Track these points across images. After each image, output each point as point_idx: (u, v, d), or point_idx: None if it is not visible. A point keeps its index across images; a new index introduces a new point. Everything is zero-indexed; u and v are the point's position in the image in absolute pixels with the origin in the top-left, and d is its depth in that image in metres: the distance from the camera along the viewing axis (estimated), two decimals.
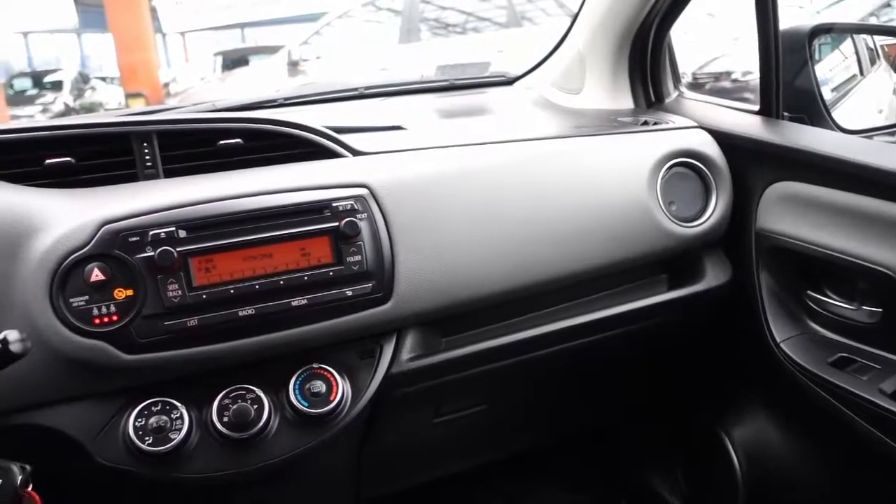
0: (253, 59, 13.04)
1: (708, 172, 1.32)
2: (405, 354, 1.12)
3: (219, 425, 1.00)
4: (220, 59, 13.84)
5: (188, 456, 1.00)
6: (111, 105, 14.36)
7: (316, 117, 1.21)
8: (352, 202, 1.05)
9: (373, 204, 1.06)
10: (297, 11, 17.45)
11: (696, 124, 1.38)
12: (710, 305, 1.37)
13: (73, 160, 1.04)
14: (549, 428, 1.72)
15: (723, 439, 1.52)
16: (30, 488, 0.85)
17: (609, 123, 1.45)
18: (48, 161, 1.04)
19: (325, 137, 1.16)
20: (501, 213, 1.15)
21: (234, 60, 13.38)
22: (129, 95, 13.49)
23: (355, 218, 1.03)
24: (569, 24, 1.65)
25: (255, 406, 1.01)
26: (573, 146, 1.28)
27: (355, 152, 1.16)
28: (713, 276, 1.33)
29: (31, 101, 14.07)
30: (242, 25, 22.43)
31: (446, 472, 1.60)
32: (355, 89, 1.72)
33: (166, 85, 14.03)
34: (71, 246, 0.93)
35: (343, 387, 1.06)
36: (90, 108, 13.67)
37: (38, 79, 15.92)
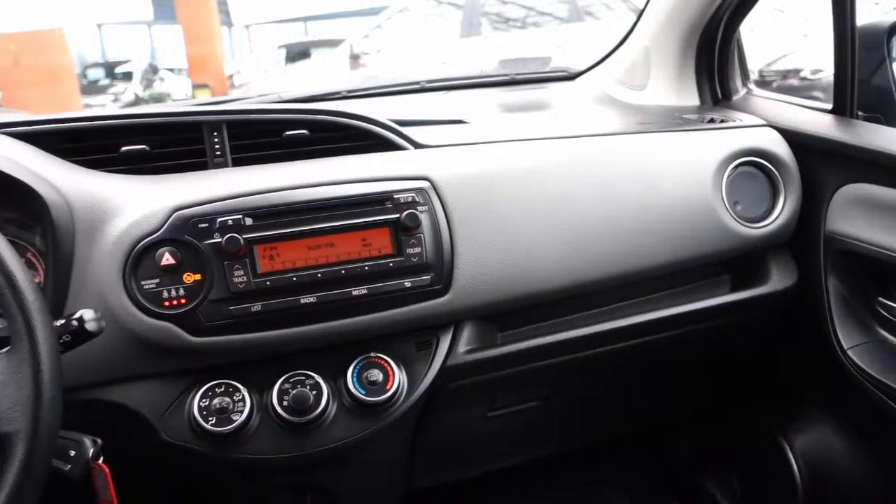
0: (315, 52, 13.21)
1: (776, 172, 1.28)
2: (461, 347, 1.13)
3: (279, 409, 1.02)
4: (283, 52, 14.06)
5: (248, 437, 1.03)
6: (178, 95, 14.73)
7: (379, 110, 1.22)
8: (413, 194, 1.06)
9: (433, 197, 1.07)
10: (359, 5, 17.62)
11: (765, 122, 1.34)
12: (775, 309, 1.33)
13: (147, 147, 1.08)
14: (603, 426, 1.70)
15: (782, 445, 1.48)
16: (100, 461, 0.88)
17: (674, 120, 1.42)
18: (124, 148, 1.08)
19: (388, 130, 1.17)
20: (563, 209, 1.15)
21: (297, 53, 13.57)
22: (195, 86, 13.83)
23: (416, 210, 1.04)
24: (635, 18, 1.63)
25: (314, 392, 1.03)
26: (637, 143, 1.26)
27: (417, 145, 1.17)
28: (778, 279, 1.30)
29: (103, 90, 14.54)
30: (306, 18, 22.78)
31: (498, 466, 1.60)
32: (417, 83, 1.73)
33: (231, 77, 14.36)
34: (144, 230, 0.96)
35: (399, 377, 1.07)
36: (158, 98, 14.06)
37: (110, 69, 16.48)
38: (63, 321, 0.81)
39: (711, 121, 1.37)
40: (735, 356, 1.55)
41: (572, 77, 1.80)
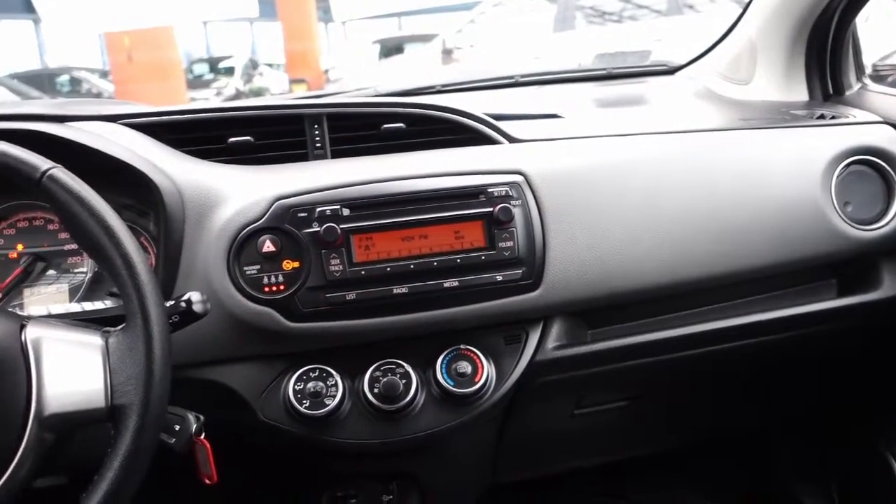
0: (408, 47, 13.38)
1: (892, 172, 1.21)
2: (550, 343, 1.12)
3: (369, 396, 1.05)
4: (377, 47, 14.30)
5: (339, 422, 1.05)
6: (276, 90, 15.20)
7: (473, 104, 1.23)
8: (506, 188, 1.06)
9: (527, 191, 1.07)
10: (452, 0, 17.70)
11: (881, 119, 1.27)
12: (885, 316, 1.26)
13: (252, 139, 1.13)
14: (695, 430, 1.66)
15: (888, 460, 1.40)
16: (202, 437, 0.93)
17: (780, 116, 1.36)
18: (231, 139, 1.12)
19: (483, 124, 1.17)
20: (660, 206, 1.12)
21: (391, 48, 13.78)
22: (292, 81, 14.27)
23: (509, 204, 1.04)
24: (739, 11, 1.57)
25: (404, 381, 1.05)
26: (740, 139, 1.22)
27: (512, 139, 1.17)
28: (891, 285, 1.23)
29: (206, 84, 15.17)
30: (400, 14, 23.08)
31: (583, 464, 1.58)
32: (511, 77, 1.73)
33: (326, 72, 14.71)
34: (247, 218, 1.00)
35: (488, 369, 1.07)
36: (258, 93, 14.56)
37: (213, 64, 17.18)
38: (172, 302, 0.86)
39: (822, 117, 1.31)
40: (838, 364, 1.47)
41: (672, 71, 1.75)
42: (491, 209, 1.04)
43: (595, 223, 1.09)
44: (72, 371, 0.77)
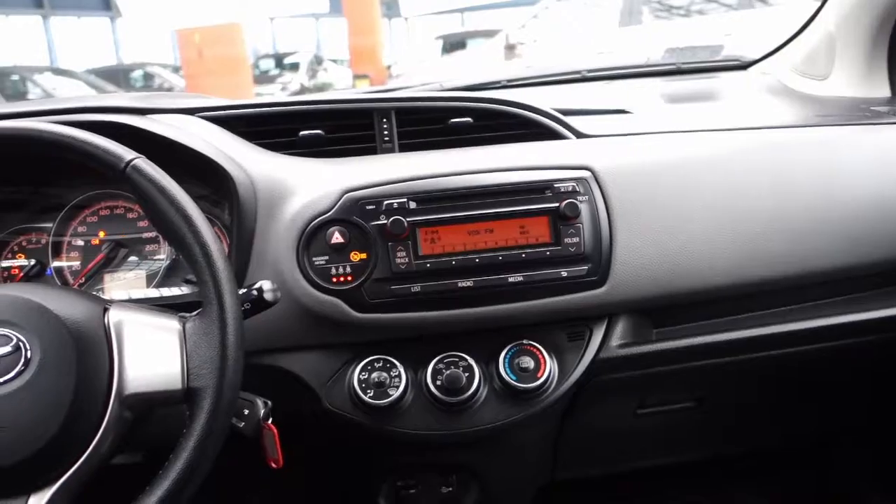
0: (470, 43, 13.38)
1: None
2: (615, 341, 1.11)
3: (432, 387, 1.05)
4: (440, 43, 14.35)
5: (402, 413, 1.07)
6: (339, 85, 15.41)
7: (539, 99, 1.22)
8: (573, 184, 1.05)
9: (594, 187, 1.06)
10: None
11: None
12: None
13: (322, 132, 1.15)
14: (760, 435, 1.61)
15: None
16: (269, 422, 0.95)
17: (860, 113, 1.31)
18: (302, 133, 1.15)
19: (550, 119, 1.17)
20: (731, 204, 1.10)
21: (453, 44, 13.80)
22: (356, 76, 14.43)
23: (576, 200, 1.03)
24: (815, 4, 1.51)
25: (467, 374, 1.06)
26: (817, 136, 1.18)
27: (579, 134, 1.17)
28: None
29: (272, 80, 15.48)
30: (463, 10, 23.08)
31: (643, 464, 1.56)
32: (578, 72, 1.71)
33: (389, 67, 14.83)
34: (317, 210, 1.02)
35: (551, 365, 1.07)
36: (321, 88, 14.79)
37: (279, 60, 17.54)
38: (245, 290, 0.88)
39: None
40: None
41: (745, 66, 1.70)
42: (557, 205, 1.03)
43: (663, 220, 1.07)
44: (151, 353, 0.81)
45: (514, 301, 1.04)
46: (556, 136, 1.16)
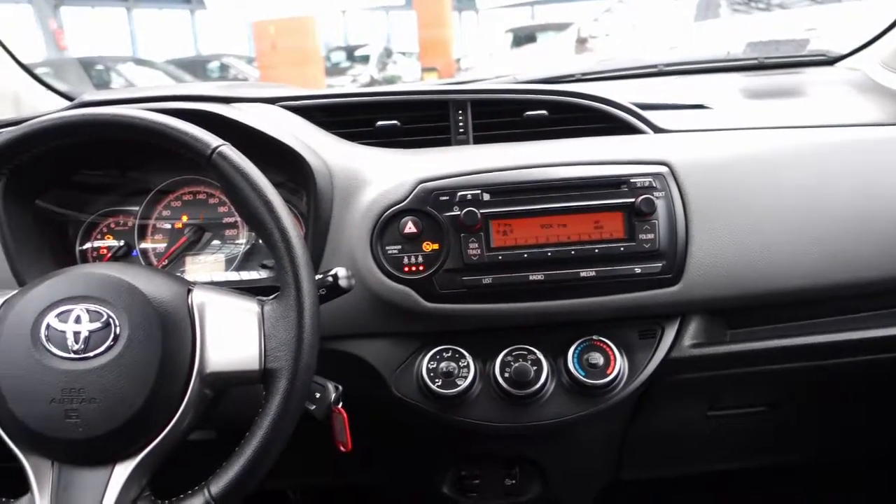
0: (541, 36, 13.25)
1: None
2: (687, 340, 1.09)
3: (500, 380, 1.06)
4: (510, 36, 14.26)
5: (469, 403, 1.07)
6: (407, 78, 15.48)
7: (614, 93, 1.21)
8: (650, 179, 1.03)
9: (671, 183, 1.04)
10: None
11: None
12: None
13: (398, 123, 1.16)
14: (836, 444, 1.56)
15: None
16: (339, 406, 0.97)
17: None
18: (379, 123, 1.17)
19: (628, 113, 1.15)
20: (815, 204, 1.06)
21: (524, 37, 13.70)
22: (424, 69, 14.49)
23: (652, 195, 1.02)
24: None
25: (535, 367, 1.05)
26: None
27: (657, 129, 1.15)
28: None
29: (343, 72, 15.67)
30: (534, 3, 22.89)
31: (713, 468, 1.53)
32: (654, 66, 1.67)
33: (458, 60, 14.83)
34: (391, 200, 1.04)
35: (620, 363, 1.06)
36: (390, 80, 14.88)
37: (350, 52, 17.74)
38: (320, 276, 0.90)
39: None
40: None
41: (831, 62, 1.63)
42: (633, 200, 1.02)
43: (743, 218, 1.05)
44: (231, 334, 0.83)
45: (585, 296, 1.04)
46: (633, 130, 1.15)
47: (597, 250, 1.02)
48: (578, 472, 1.34)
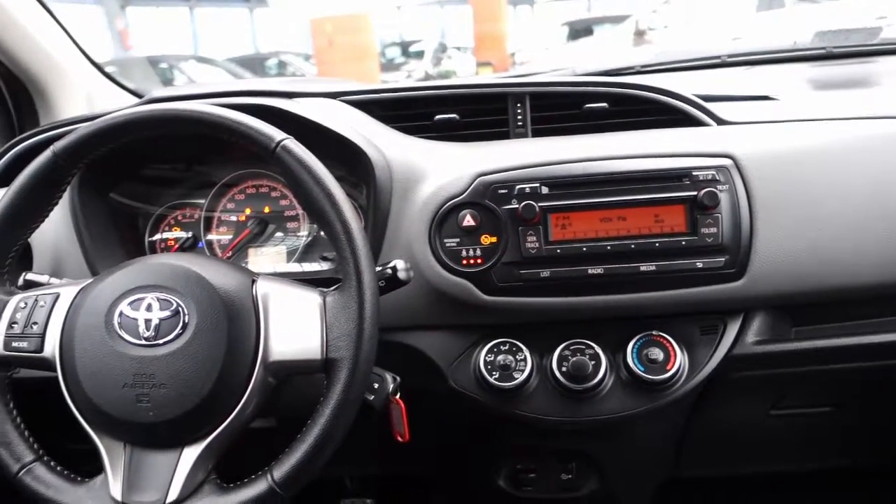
0: (597, 29, 13.07)
1: None
2: (750, 337, 1.07)
3: (557, 374, 1.05)
4: (566, 29, 14.11)
5: (526, 396, 1.07)
6: (462, 73, 15.44)
7: (676, 85, 1.19)
8: (713, 172, 1.01)
9: (736, 176, 1.02)
10: None
11: None
12: None
13: (457, 116, 1.17)
14: None
15: None
16: (397, 396, 0.98)
17: None
18: (438, 117, 1.17)
19: (690, 104, 1.13)
20: (885, 198, 1.02)
21: (580, 30, 13.53)
22: (479, 64, 14.44)
23: (716, 189, 1.00)
24: None
25: (593, 362, 1.05)
26: None
27: (720, 121, 1.12)
28: None
29: (397, 67, 15.76)
30: None
31: (773, 468, 1.49)
32: (717, 57, 1.63)
33: (512, 55, 14.74)
34: (450, 193, 1.04)
35: (681, 358, 1.04)
36: (445, 76, 14.86)
37: (405, 48, 17.82)
38: (380, 268, 0.92)
39: None
40: None
41: None
42: (695, 193, 1.00)
43: (810, 213, 1.02)
44: (294, 324, 0.85)
45: (645, 290, 1.02)
46: (696, 122, 1.12)
47: (657, 244, 1.01)
48: (635, 468, 1.32)
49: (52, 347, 0.86)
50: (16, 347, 0.87)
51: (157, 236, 1.25)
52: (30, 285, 0.95)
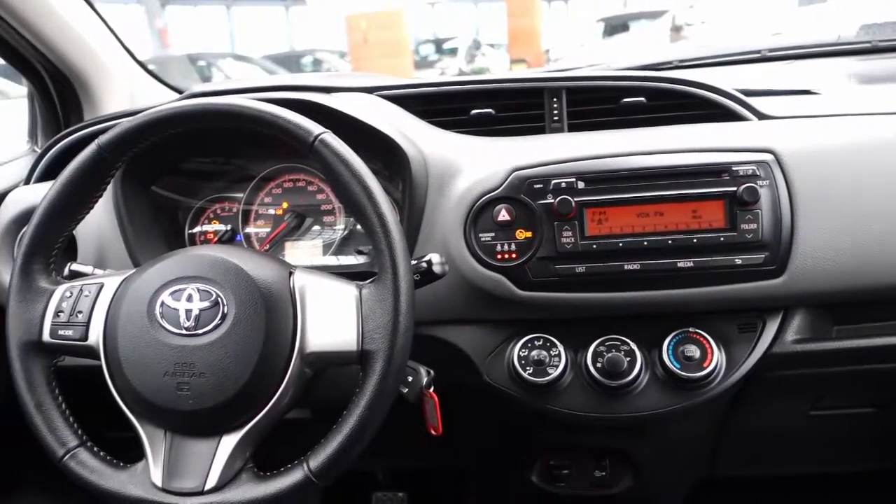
0: (633, 25, 12.93)
1: None
2: (790, 335, 1.05)
3: (592, 369, 1.05)
4: (601, 25, 13.99)
5: (560, 392, 1.07)
6: (496, 70, 15.40)
7: (715, 80, 1.17)
8: (754, 167, 1.00)
9: (777, 171, 1.00)
10: None
11: None
12: None
13: (493, 111, 1.17)
14: None
15: None
16: (431, 390, 0.99)
17: None
18: (474, 111, 1.17)
19: (730, 99, 1.12)
20: None
21: (615, 26, 13.41)
22: (513, 61, 14.39)
23: (756, 184, 0.98)
24: None
25: (628, 358, 1.04)
26: None
27: (761, 116, 1.10)
28: None
29: (431, 65, 15.77)
30: None
31: (812, 469, 1.46)
32: (757, 51, 1.61)
33: (547, 51, 14.66)
34: (485, 188, 1.04)
35: (718, 356, 1.03)
36: (479, 73, 14.84)
37: (439, 45, 17.82)
38: (415, 262, 0.92)
39: None
40: None
41: None
42: (735, 188, 0.99)
43: (854, 209, 1.00)
44: (330, 316, 0.86)
45: (682, 287, 1.01)
46: (736, 117, 1.11)
47: (695, 240, 1.00)
48: (670, 466, 1.31)
49: (96, 336, 0.88)
50: (62, 335, 0.89)
51: (197, 229, 1.27)
52: (75, 275, 0.97)
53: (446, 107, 1.19)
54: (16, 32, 1.33)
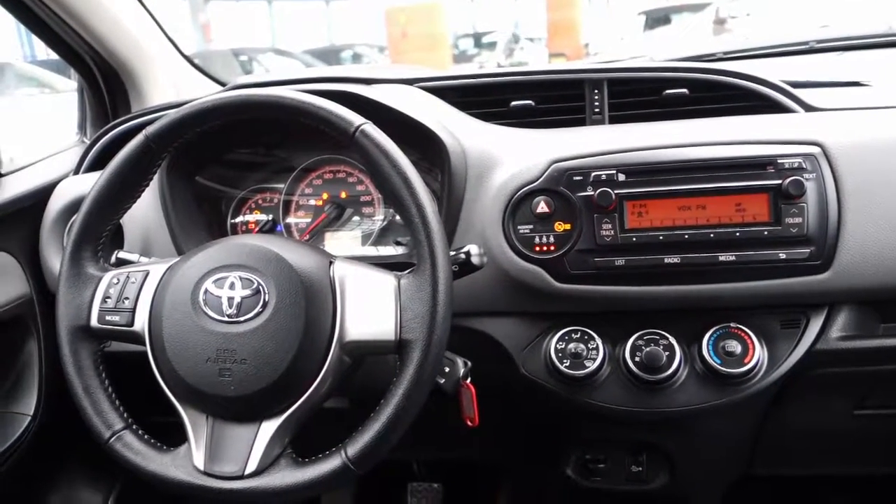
0: (675, 18, 12.71)
1: None
2: (835, 332, 1.03)
3: (630, 363, 1.04)
4: (643, 19, 13.78)
5: (597, 385, 1.07)
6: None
7: (761, 71, 1.15)
8: (800, 160, 0.98)
9: (824, 164, 0.98)
10: None
11: None
12: None
13: (533, 103, 1.16)
14: None
15: None
16: (468, 381, 0.99)
17: None
18: (513, 103, 1.17)
19: (776, 90, 1.10)
20: None
21: (657, 19, 13.19)
22: (552, 55, 14.27)
23: (801, 177, 0.96)
24: None
25: (667, 353, 1.03)
26: None
27: (808, 108, 1.08)
28: None
29: (469, 59, 15.71)
30: None
31: (856, 471, 1.43)
32: (805, 43, 1.58)
33: (586, 45, 14.49)
34: (524, 180, 1.04)
35: (759, 352, 1.01)
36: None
37: (477, 39, 17.76)
38: (454, 253, 0.92)
39: None
40: None
41: None
42: (780, 182, 0.97)
43: None
44: (369, 306, 0.87)
45: (723, 281, 1.00)
46: (782, 109, 1.09)
47: (738, 234, 0.98)
48: (708, 463, 1.29)
49: (141, 322, 0.90)
50: (109, 321, 0.92)
51: (239, 218, 1.29)
52: (121, 263, 1.00)
53: (486, 98, 1.19)
54: (67, 26, 1.36)
